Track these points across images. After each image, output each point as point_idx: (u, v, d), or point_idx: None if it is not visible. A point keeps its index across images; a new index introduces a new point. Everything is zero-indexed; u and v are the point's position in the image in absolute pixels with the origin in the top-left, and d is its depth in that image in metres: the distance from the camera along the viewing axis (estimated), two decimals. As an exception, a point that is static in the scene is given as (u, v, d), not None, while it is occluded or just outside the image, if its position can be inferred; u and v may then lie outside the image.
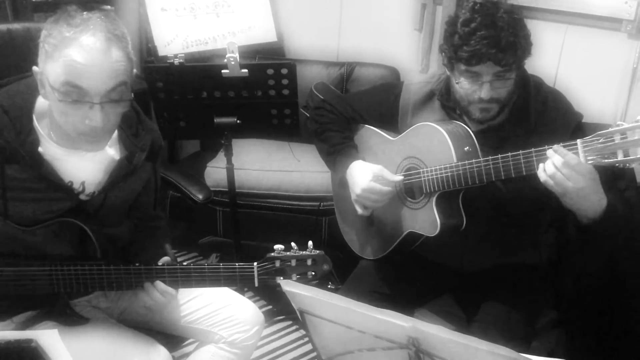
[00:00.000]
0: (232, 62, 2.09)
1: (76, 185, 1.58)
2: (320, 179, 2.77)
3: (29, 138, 1.49)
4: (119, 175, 1.62)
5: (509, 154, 1.58)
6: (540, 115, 1.74)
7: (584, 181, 1.49)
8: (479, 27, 1.62)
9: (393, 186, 1.84)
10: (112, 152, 1.63)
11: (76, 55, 1.39)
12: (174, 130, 2.30)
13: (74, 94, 1.41)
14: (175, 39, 3.06)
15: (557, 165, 1.49)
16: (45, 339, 1.11)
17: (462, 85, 1.70)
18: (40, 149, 1.50)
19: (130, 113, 1.65)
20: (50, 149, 1.53)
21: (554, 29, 2.59)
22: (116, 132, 1.64)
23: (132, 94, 1.52)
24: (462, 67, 1.67)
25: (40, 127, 1.52)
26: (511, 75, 1.67)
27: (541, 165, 1.53)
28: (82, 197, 1.60)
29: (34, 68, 1.47)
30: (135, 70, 1.52)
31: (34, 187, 1.51)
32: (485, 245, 1.84)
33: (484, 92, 1.67)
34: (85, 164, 1.59)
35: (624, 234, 1.74)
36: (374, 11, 3.21)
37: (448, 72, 1.77)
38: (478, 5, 1.66)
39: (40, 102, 1.53)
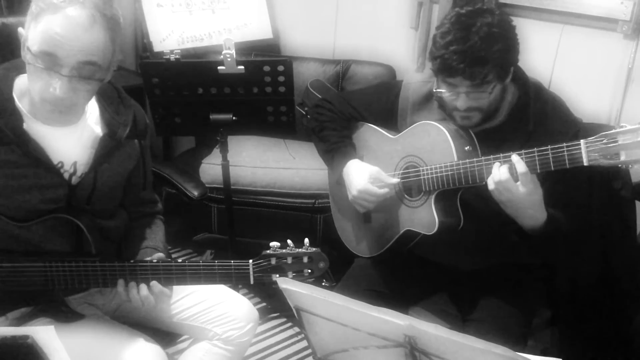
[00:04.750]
0: (229, 59, 2.09)
1: (67, 167, 1.58)
2: (315, 176, 2.77)
3: (12, 117, 1.48)
4: (103, 152, 1.62)
5: (511, 153, 1.58)
6: (538, 120, 1.74)
7: (522, 197, 1.58)
8: (452, 41, 1.61)
9: (390, 188, 1.85)
10: (97, 129, 1.63)
11: (56, 25, 1.39)
12: (170, 126, 2.29)
13: (45, 60, 1.41)
14: (171, 35, 3.06)
15: (499, 179, 1.58)
16: (41, 335, 1.10)
17: (442, 94, 1.71)
18: (24, 127, 1.50)
19: (110, 92, 1.66)
20: (35, 128, 1.52)
21: (549, 28, 2.59)
22: (98, 110, 1.64)
23: (108, 77, 1.53)
24: (440, 76, 1.68)
25: (22, 105, 1.52)
26: (487, 89, 1.65)
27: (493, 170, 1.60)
28: (74, 179, 1.59)
29: (19, 29, 1.47)
30: (120, 57, 1.51)
31: (23, 173, 1.50)
32: (481, 245, 1.85)
33: (460, 103, 1.68)
34: (71, 143, 1.58)
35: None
36: (370, 9, 3.21)
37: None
38: (455, 17, 1.65)
39: (20, 82, 1.53)
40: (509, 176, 1.57)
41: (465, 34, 1.61)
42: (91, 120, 1.63)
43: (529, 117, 1.74)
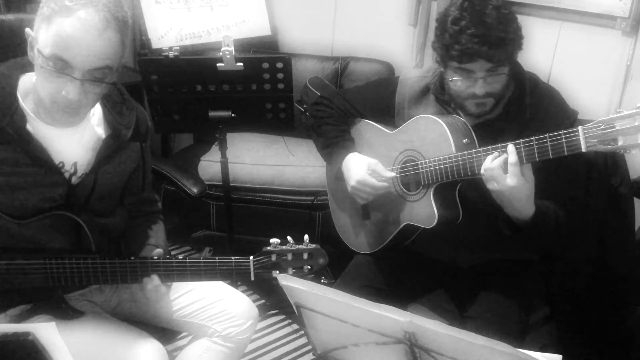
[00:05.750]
0: (228, 56, 2.08)
1: (68, 167, 1.57)
2: (314, 173, 2.77)
3: (15, 116, 1.48)
4: (105, 153, 1.62)
5: (509, 142, 1.58)
6: (534, 111, 1.75)
7: (507, 189, 1.58)
8: (468, 25, 1.62)
9: (388, 181, 1.85)
10: (99, 131, 1.63)
11: (70, 28, 1.38)
12: (168, 124, 2.29)
13: (58, 64, 1.40)
14: (169, 32, 3.05)
15: (488, 166, 1.59)
16: (42, 332, 1.10)
17: (456, 83, 1.71)
18: (28, 127, 1.50)
19: (113, 93, 1.65)
20: (38, 127, 1.52)
21: (548, 25, 2.60)
22: (101, 111, 1.64)
23: (116, 79, 1.52)
24: (455, 64, 1.68)
25: (26, 105, 1.52)
26: (504, 70, 1.68)
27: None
28: (74, 179, 1.59)
29: (27, 30, 1.46)
30: (127, 59, 1.51)
31: (24, 172, 1.50)
32: (479, 241, 1.85)
33: (478, 89, 1.68)
34: (73, 144, 1.58)
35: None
36: (368, 6, 3.21)
37: (441, 69, 1.77)
38: (466, 2, 1.66)
39: (24, 81, 1.53)
40: (498, 165, 1.57)
41: (480, 17, 1.62)
42: (94, 122, 1.63)
43: (525, 108, 1.75)
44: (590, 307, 2.10)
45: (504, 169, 1.57)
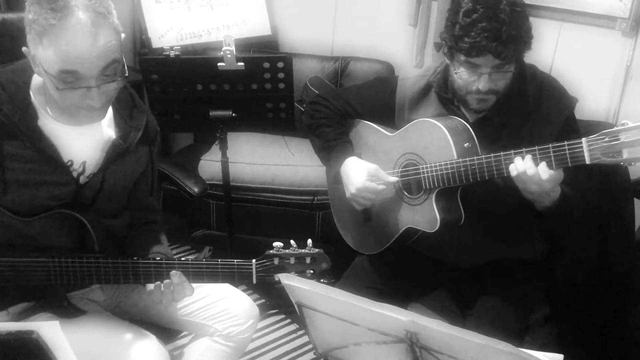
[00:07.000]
0: (229, 55, 2.09)
1: (76, 166, 1.58)
2: (314, 173, 2.77)
3: (28, 112, 1.49)
4: (114, 154, 1.62)
5: (512, 151, 1.58)
6: (536, 99, 1.75)
7: (549, 186, 1.56)
8: (480, 19, 1.60)
9: (389, 186, 1.85)
10: (109, 132, 1.64)
11: (66, 45, 1.37)
12: (169, 123, 2.29)
13: (69, 77, 1.40)
14: (169, 31, 3.06)
15: (527, 170, 1.56)
16: (46, 330, 1.10)
17: (461, 76, 1.70)
18: (39, 123, 1.50)
19: (125, 96, 1.66)
20: (49, 125, 1.53)
21: (548, 26, 2.60)
22: (112, 113, 1.64)
23: (126, 69, 1.50)
24: (462, 57, 1.67)
25: (38, 102, 1.52)
26: (510, 68, 1.67)
27: (516, 160, 1.58)
28: (82, 179, 1.59)
29: (24, 49, 1.45)
30: (123, 35, 1.49)
31: (33, 169, 1.51)
32: (480, 241, 1.85)
33: (482, 84, 1.67)
34: (83, 143, 1.58)
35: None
36: (369, 6, 3.21)
37: (447, 61, 1.77)
38: None
39: (37, 79, 1.53)
40: (535, 169, 1.55)
41: (493, 12, 1.60)
42: (104, 123, 1.62)
43: (527, 97, 1.75)
44: (590, 307, 2.11)
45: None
